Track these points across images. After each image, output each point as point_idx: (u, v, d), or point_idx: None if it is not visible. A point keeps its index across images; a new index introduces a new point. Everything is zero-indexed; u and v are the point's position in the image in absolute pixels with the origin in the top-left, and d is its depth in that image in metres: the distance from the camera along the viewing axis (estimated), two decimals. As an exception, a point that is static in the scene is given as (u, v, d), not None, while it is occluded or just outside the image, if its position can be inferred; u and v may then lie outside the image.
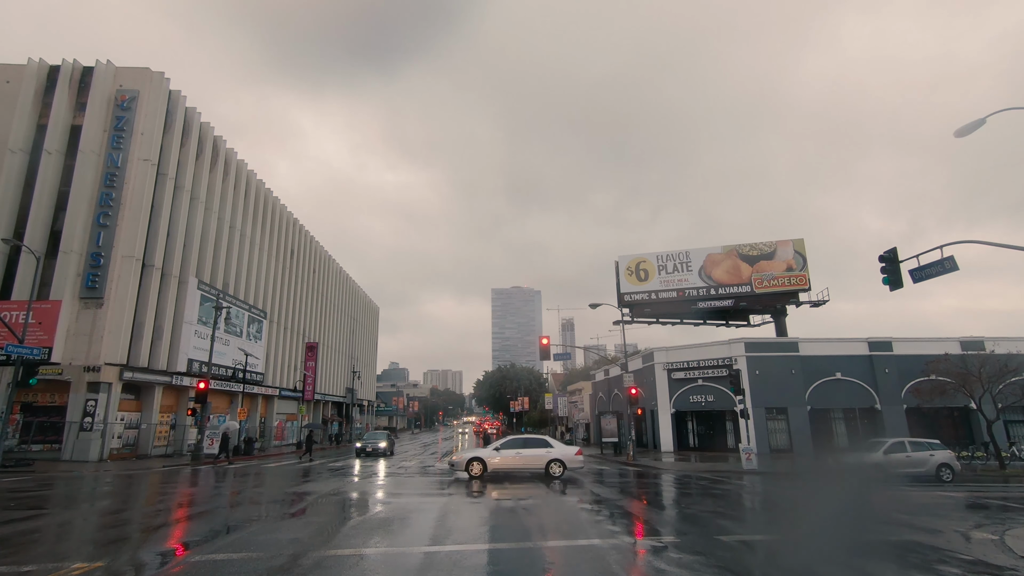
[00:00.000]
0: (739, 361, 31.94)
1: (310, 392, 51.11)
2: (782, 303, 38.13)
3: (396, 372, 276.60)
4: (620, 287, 39.96)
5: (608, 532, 9.25)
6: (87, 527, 9.93)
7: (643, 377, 36.75)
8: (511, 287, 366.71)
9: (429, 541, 8.41)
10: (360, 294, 77.53)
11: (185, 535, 9.09)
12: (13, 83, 29.08)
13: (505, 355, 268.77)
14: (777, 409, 31.64)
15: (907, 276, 14.73)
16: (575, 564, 7.20)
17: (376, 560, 7.19)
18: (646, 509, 12.19)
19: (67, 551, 7.70)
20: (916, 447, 19.78)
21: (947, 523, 10.79)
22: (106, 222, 28.34)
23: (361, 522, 10.15)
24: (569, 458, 18.89)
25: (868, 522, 7.77)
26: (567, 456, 18.89)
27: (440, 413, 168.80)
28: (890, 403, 30.99)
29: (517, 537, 8.86)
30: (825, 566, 7.46)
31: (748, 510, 13.16)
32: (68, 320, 26.85)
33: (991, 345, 29.54)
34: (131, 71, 31.01)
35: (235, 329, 37.29)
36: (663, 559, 7.34)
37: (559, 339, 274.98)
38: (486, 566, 6.93)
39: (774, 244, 38.30)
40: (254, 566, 6.72)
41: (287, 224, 49.55)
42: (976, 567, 7.19)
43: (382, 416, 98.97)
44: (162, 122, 31.52)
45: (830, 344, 32.83)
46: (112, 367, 26.88)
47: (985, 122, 13.14)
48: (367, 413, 79.04)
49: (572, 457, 18.99)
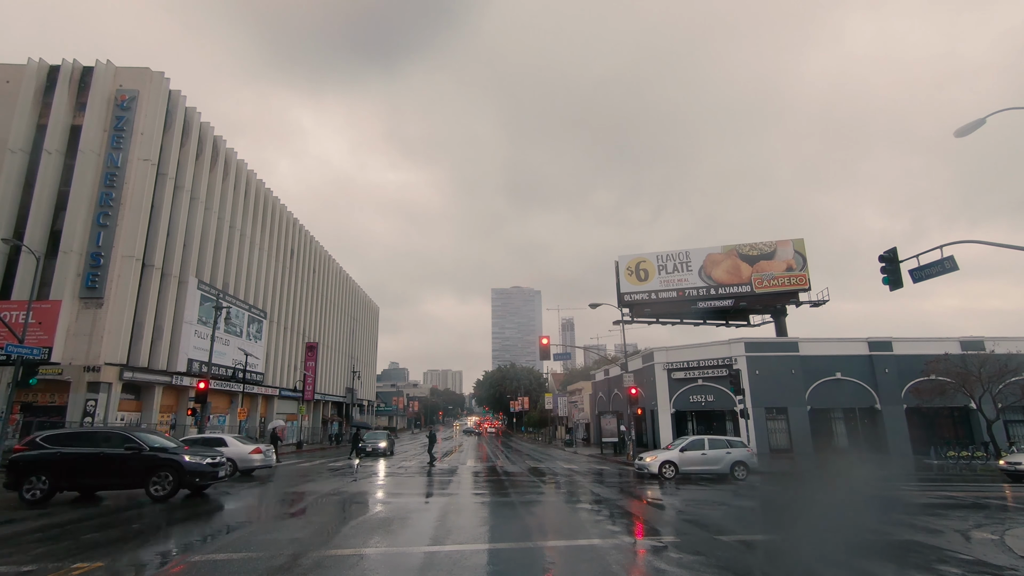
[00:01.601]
0: (739, 361, 31.94)
1: (310, 392, 51.13)
2: (782, 303, 38.12)
3: (396, 372, 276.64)
4: (620, 287, 39.96)
5: (608, 532, 9.26)
6: (87, 527, 9.93)
7: (643, 377, 36.75)
8: (511, 287, 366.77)
9: (429, 541, 8.41)
10: (360, 294, 77.55)
11: (185, 535, 9.09)
12: (13, 83, 29.08)
13: (505, 355, 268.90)
14: (777, 409, 31.63)
15: (907, 276, 14.73)
16: (575, 564, 7.20)
17: (376, 560, 7.19)
18: (646, 509, 12.19)
19: (67, 551, 7.69)
20: (714, 445, 19.79)
21: (947, 523, 10.79)
22: (106, 222, 28.35)
23: (361, 522, 10.15)
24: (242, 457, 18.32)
25: (868, 522, 7.78)
26: (239, 455, 18.24)
27: (440, 413, 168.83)
28: (890, 403, 30.99)
29: (517, 537, 8.87)
30: (825, 566, 7.47)
31: (748, 510, 13.16)
32: (68, 320, 26.86)
33: (991, 345, 29.53)
34: (131, 71, 31.02)
35: (235, 329, 37.29)
36: (663, 559, 7.34)
37: (559, 339, 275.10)
38: (486, 566, 6.93)
39: (774, 244, 38.30)
40: (254, 566, 6.73)
41: (287, 224, 49.56)
42: (976, 567, 7.19)
43: (382, 416, 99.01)
44: (162, 122, 31.53)
45: (830, 344, 32.82)
46: (112, 367, 26.89)
47: (985, 122, 13.14)
48: (367, 413, 79.06)
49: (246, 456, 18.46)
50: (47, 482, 12.22)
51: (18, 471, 12.34)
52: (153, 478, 12.49)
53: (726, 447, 19.57)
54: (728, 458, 19.18)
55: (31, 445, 12.83)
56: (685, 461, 19.35)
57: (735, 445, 19.78)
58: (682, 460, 19.34)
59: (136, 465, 12.58)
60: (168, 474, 12.53)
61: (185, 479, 12.67)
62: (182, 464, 12.65)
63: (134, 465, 12.59)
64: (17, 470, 12.37)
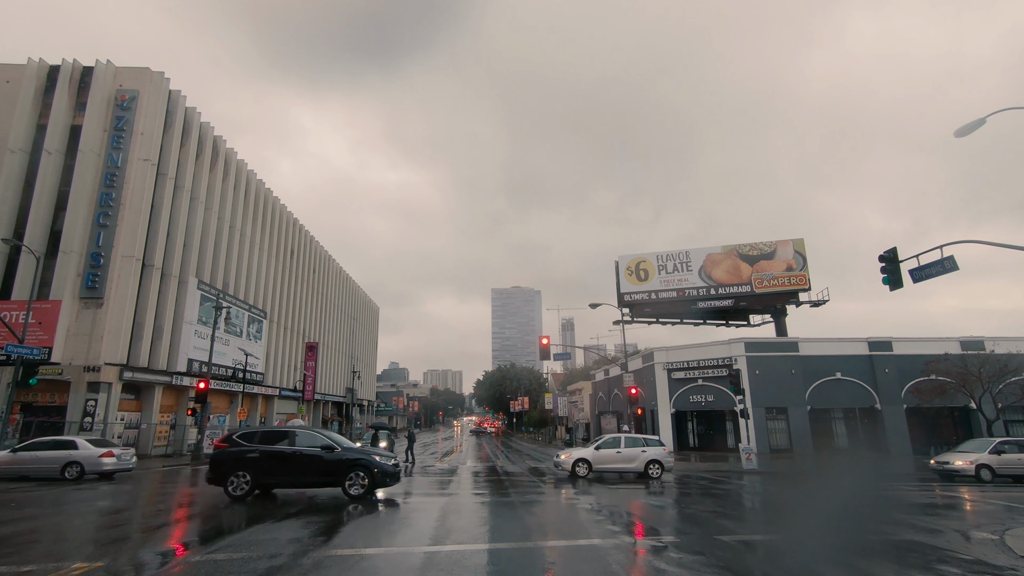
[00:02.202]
0: (739, 361, 31.95)
1: (310, 392, 51.14)
2: (782, 303, 38.13)
3: (396, 372, 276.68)
4: (620, 287, 39.97)
5: (608, 532, 9.26)
6: (87, 527, 9.93)
7: (643, 377, 36.75)
8: (511, 287, 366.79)
9: (430, 541, 8.41)
10: (360, 294, 77.55)
11: (185, 535, 9.09)
12: (13, 83, 29.09)
13: (505, 355, 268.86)
14: (777, 409, 31.64)
15: (907, 276, 14.74)
16: (575, 563, 7.20)
17: (376, 560, 7.18)
18: (646, 509, 12.19)
19: (67, 551, 7.69)
20: (629, 443, 19.64)
21: (947, 523, 10.79)
22: (106, 222, 28.35)
23: (361, 522, 10.14)
24: None
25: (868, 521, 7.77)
26: (88, 458, 17.65)
27: (440, 413, 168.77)
28: (890, 403, 30.99)
29: (517, 537, 8.87)
30: (825, 565, 7.47)
31: (748, 510, 13.16)
32: (68, 320, 26.86)
33: (991, 345, 29.54)
34: (131, 71, 31.03)
35: (235, 329, 37.29)
36: (663, 559, 7.34)
37: (559, 339, 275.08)
38: (487, 566, 6.93)
39: (774, 244, 38.31)
40: (254, 566, 6.72)
41: (287, 224, 49.57)
42: (976, 567, 7.19)
43: (382, 416, 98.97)
44: (162, 122, 31.54)
45: (830, 344, 32.83)
46: (112, 367, 26.89)
47: (985, 122, 13.14)
48: (367, 413, 79.05)
49: None
50: (248, 478, 12.60)
51: (223, 467, 12.69)
52: (350, 475, 12.75)
53: (642, 445, 19.44)
54: (643, 456, 19.00)
55: (229, 442, 13.21)
56: (599, 459, 19.25)
57: (651, 444, 19.63)
58: (596, 458, 19.25)
59: (332, 465, 12.84)
60: (363, 473, 12.82)
61: (377, 479, 12.91)
62: (375, 464, 12.95)
63: (331, 465, 12.84)
64: (221, 466, 12.72)
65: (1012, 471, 19.24)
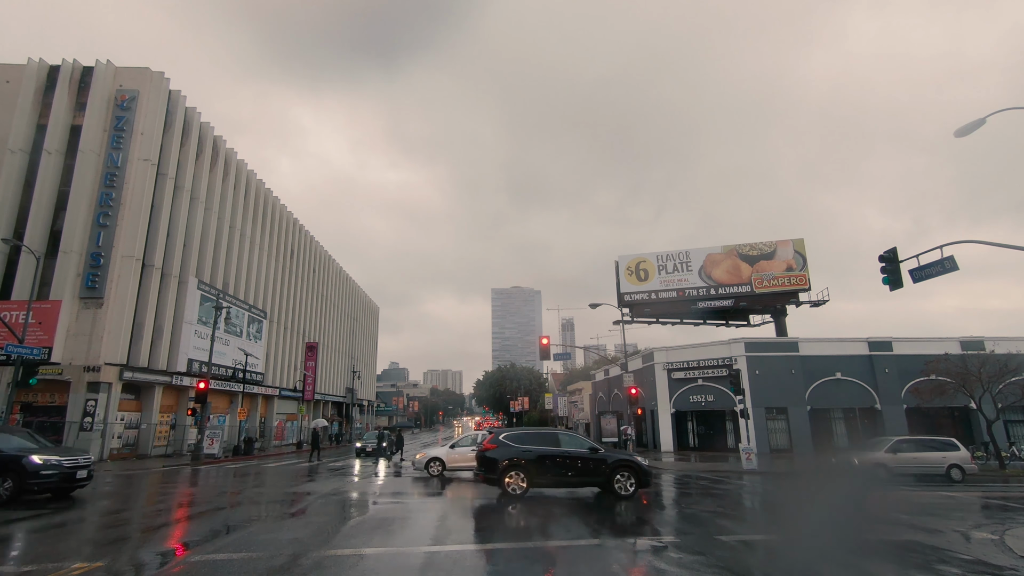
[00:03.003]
0: (739, 361, 31.95)
1: (310, 392, 51.13)
2: (782, 303, 38.14)
3: (396, 372, 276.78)
4: (620, 287, 39.98)
5: (608, 532, 9.25)
6: (87, 527, 9.93)
7: (643, 377, 36.75)
8: (511, 287, 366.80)
9: (430, 541, 8.41)
10: (360, 294, 77.55)
11: (185, 535, 9.09)
12: (13, 83, 29.09)
13: (505, 355, 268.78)
14: (777, 409, 31.65)
15: (907, 276, 14.74)
16: (575, 563, 7.20)
17: (376, 560, 7.18)
18: (646, 509, 12.19)
19: (67, 551, 7.69)
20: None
21: (945, 523, 10.79)
22: (106, 222, 28.35)
23: (361, 522, 10.14)
24: None
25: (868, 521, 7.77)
26: None
27: (440, 413, 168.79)
28: (890, 403, 31.00)
29: (517, 537, 8.87)
30: (825, 565, 7.46)
31: (748, 510, 13.16)
32: (68, 320, 26.86)
33: (991, 345, 29.54)
34: (131, 71, 31.02)
35: (235, 329, 37.29)
36: (663, 559, 7.34)
37: (559, 339, 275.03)
38: (487, 566, 6.93)
39: (774, 244, 38.32)
40: (254, 566, 6.72)
41: (287, 224, 49.56)
42: (976, 567, 7.19)
43: (382, 416, 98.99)
44: (162, 122, 31.53)
45: (830, 344, 32.84)
46: (112, 367, 26.89)
47: (985, 122, 13.15)
48: (367, 413, 79.04)
49: None
50: (524, 478, 13.14)
51: (500, 468, 13.27)
52: (617, 476, 13.22)
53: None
54: None
55: (497, 443, 13.82)
56: (453, 458, 19.21)
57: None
58: (450, 457, 19.24)
59: (600, 465, 13.35)
60: (629, 474, 13.27)
61: (642, 479, 13.36)
62: (640, 465, 13.47)
63: (599, 465, 13.34)
64: (498, 467, 13.29)
65: (908, 470, 19.18)
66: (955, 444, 20.25)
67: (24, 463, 12.20)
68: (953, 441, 20.66)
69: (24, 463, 12.20)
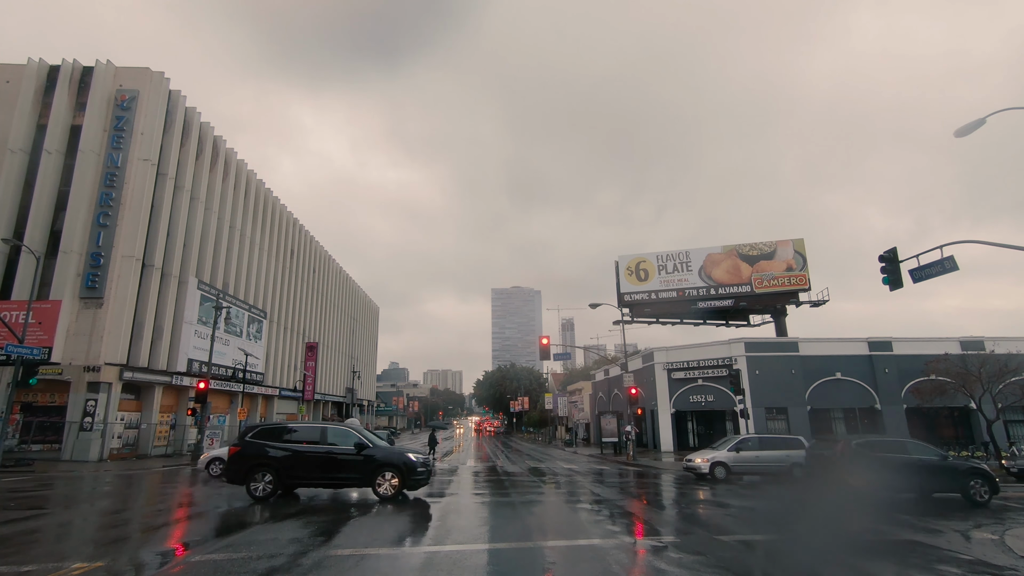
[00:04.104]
0: (739, 361, 31.94)
1: (310, 392, 51.15)
2: (782, 303, 38.13)
3: (396, 372, 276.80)
4: (620, 287, 39.97)
5: (608, 532, 9.25)
6: (87, 527, 9.93)
7: (643, 377, 36.75)
8: (511, 287, 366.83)
9: (430, 541, 8.41)
10: (360, 294, 77.55)
11: (185, 535, 9.08)
12: (13, 83, 29.09)
13: (505, 355, 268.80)
14: (777, 409, 31.62)
15: (907, 276, 14.73)
16: (575, 563, 7.20)
17: (376, 560, 7.18)
18: (646, 509, 12.19)
19: (67, 551, 7.69)
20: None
21: (947, 523, 10.79)
22: (106, 222, 28.35)
23: (361, 522, 10.14)
24: None
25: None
26: None
27: (440, 413, 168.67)
28: (890, 403, 30.98)
29: (517, 537, 8.86)
30: (825, 565, 7.47)
31: (748, 510, 13.16)
32: (68, 320, 26.86)
33: (991, 345, 29.52)
34: (131, 71, 31.03)
35: (235, 329, 37.30)
36: (663, 559, 7.34)
37: (559, 339, 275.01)
38: (487, 566, 6.93)
39: (774, 244, 38.31)
40: (254, 566, 6.72)
41: (287, 224, 49.57)
42: (976, 567, 7.19)
43: (382, 416, 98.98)
44: (162, 122, 31.54)
45: (830, 344, 32.81)
46: (112, 367, 26.89)
47: (985, 122, 13.13)
48: (367, 413, 79.04)
49: None
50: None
51: None
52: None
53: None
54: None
55: None
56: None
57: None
58: None
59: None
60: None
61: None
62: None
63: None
64: None
65: (748, 468, 18.96)
66: (800, 442, 19.69)
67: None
68: (799, 439, 20.13)
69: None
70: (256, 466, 12.48)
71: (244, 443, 12.87)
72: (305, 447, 12.80)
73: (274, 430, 13.33)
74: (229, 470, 12.74)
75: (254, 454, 12.63)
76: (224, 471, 13.41)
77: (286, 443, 12.83)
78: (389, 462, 12.77)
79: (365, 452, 12.76)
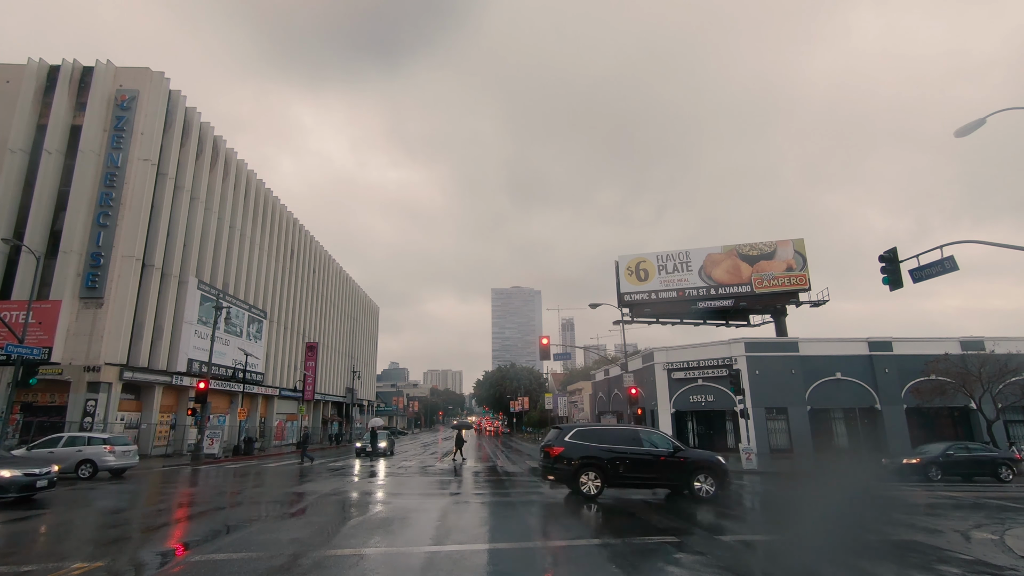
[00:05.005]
0: (739, 361, 31.94)
1: (310, 392, 51.14)
2: (782, 303, 38.12)
3: (396, 372, 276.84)
4: (620, 287, 39.97)
5: (608, 532, 9.25)
6: (87, 527, 9.93)
7: (643, 377, 36.75)
8: (511, 287, 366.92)
9: (430, 541, 8.41)
10: (360, 294, 77.55)
11: (185, 535, 9.09)
12: (13, 83, 29.10)
13: (505, 355, 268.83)
14: (777, 409, 31.63)
15: (907, 276, 14.73)
16: (575, 563, 7.21)
17: (376, 560, 7.19)
18: (646, 509, 12.19)
19: (67, 551, 7.69)
20: (69, 442, 18.46)
21: (947, 523, 10.79)
22: (106, 222, 28.36)
23: (361, 522, 10.14)
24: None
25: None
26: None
27: (440, 413, 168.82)
28: (890, 403, 30.99)
29: (517, 537, 8.87)
30: (825, 565, 7.47)
31: (748, 510, 13.16)
32: (68, 320, 26.86)
33: (991, 345, 29.53)
34: (131, 71, 31.03)
35: (235, 329, 37.30)
36: (663, 559, 7.34)
37: (559, 339, 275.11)
38: (487, 566, 6.93)
39: (774, 244, 38.31)
40: (254, 566, 6.73)
41: (287, 224, 49.56)
42: (976, 567, 7.19)
43: (382, 416, 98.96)
44: (162, 122, 31.54)
45: (830, 344, 32.81)
46: (112, 367, 26.89)
47: (985, 122, 13.14)
48: (367, 413, 79.02)
49: None
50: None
51: None
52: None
53: (84, 444, 18.65)
54: (78, 456, 18.16)
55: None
56: None
57: (94, 443, 18.77)
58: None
59: None
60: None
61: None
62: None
63: None
64: None
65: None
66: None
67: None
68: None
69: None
70: (583, 467, 12.88)
71: (567, 444, 13.21)
72: (628, 448, 13.24)
73: (588, 432, 13.72)
74: (555, 470, 13.02)
75: (580, 456, 13.00)
76: (548, 471, 13.38)
77: (606, 445, 13.24)
78: (706, 464, 13.31)
79: (680, 454, 13.28)
